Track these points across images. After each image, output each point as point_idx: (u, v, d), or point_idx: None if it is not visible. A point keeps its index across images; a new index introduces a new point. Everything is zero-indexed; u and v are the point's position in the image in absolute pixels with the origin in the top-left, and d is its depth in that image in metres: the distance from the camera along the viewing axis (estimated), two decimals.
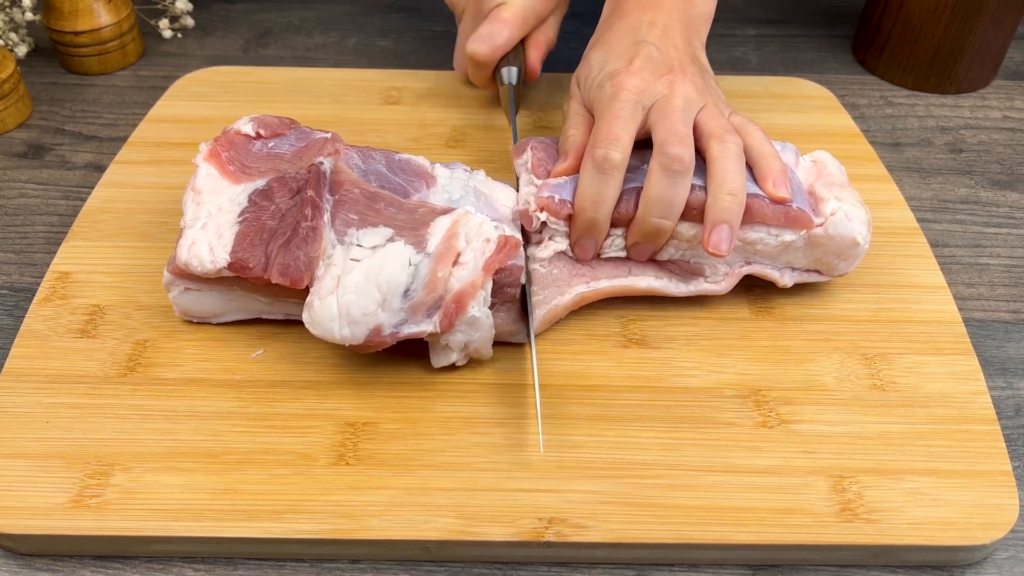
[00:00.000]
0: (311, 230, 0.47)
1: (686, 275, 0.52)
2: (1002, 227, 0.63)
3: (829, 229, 0.50)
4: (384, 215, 0.48)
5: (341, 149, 0.52)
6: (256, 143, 0.53)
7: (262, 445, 0.46)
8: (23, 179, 0.65)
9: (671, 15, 0.54)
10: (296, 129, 0.54)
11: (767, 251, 0.51)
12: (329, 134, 0.53)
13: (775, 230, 0.50)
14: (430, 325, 0.46)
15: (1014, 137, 0.71)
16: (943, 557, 0.44)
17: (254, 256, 0.47)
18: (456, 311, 0.46)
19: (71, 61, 0.75)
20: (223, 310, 0.51)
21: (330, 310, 0.44)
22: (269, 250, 0.47)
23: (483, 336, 0.48)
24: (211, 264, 0.47)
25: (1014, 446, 0.49)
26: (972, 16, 0.70)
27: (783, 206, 0.50)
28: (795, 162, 0.55)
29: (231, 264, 0.47)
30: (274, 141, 0.53)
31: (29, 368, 0.49)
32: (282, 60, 0.79)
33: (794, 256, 0.52)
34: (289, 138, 0.53)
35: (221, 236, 0.48)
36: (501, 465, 0.45)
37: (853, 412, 0.48)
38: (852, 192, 0.52)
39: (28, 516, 0.43)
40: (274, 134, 0.53)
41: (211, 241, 0.48)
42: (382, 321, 0.45)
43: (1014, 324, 0.56)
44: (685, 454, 0.46)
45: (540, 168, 0.52)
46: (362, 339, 0.45)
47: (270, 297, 0.50)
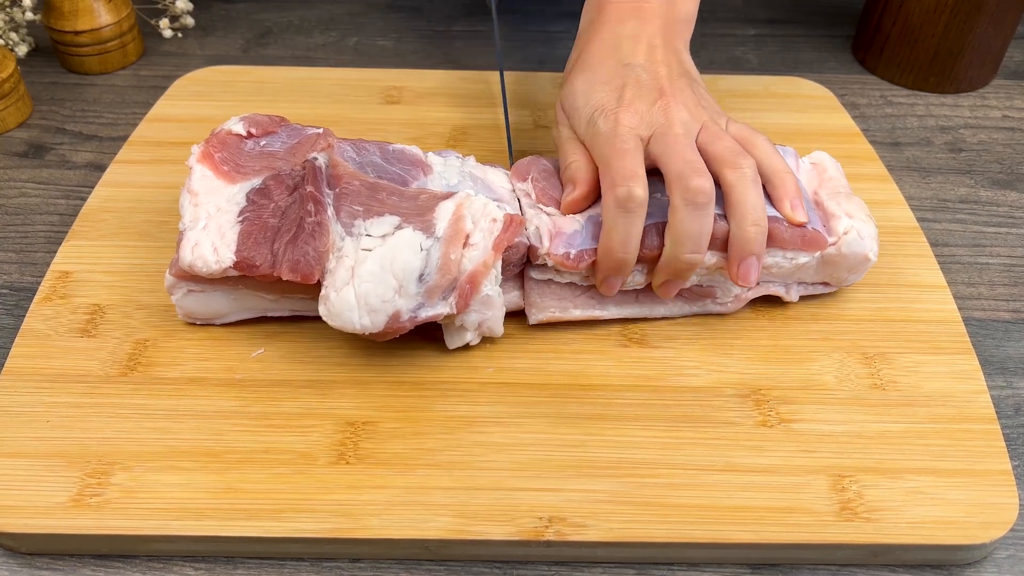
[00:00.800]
0: (317, 225, 0.47)
1: (695, 297, 0.52)
2: (1002, 227, 0.63)
3: (842, 248, 0.50)
4: (388, 204, 0.48)
5: (334, 143, 0.52)
6: (248, 142, 0.53)
7: (262, 444, 0.46)
8: (23, 178, 0.65)
9: (653, 24, 0.53)
10: (287, 126, 0.54)
11: (781, 273, 0.51)
12: (321, 129, 0.53)
13: (791, 253, 0.50)
14: (446, 307, 0.46)
15: (1014, 137, 0.71)
16: (943, 556, 0.44)
17: (260, 254, 0.47)
18: (470, 291, 0.46)
19: (71, 61, 0.75)
20: (228, 310, 0.51)
21: (348, 300, 0.45)
22: (275, 247, 0.47)
23: (495, 314, 0.49)
24: (216, 264, 0.47)
25: (1014, 445, 0.49)
26: (972, 16, 0.70)
27: (800, 229, 0.49)
28: (795, 166, 0.55)
29: (237, 263, 0.47)
30: (266, 139, 0.53)
31: (30, 367, 0.49)
32: (282, 60, 0.79)
33: (804, 273, 0.52)
34: (281, 135, 0.53)
35: (223, 236, 0.48)
36: (501, 465, 0.45)
37: (853, 411, 0.48)
38: (857, 202, 0.53)
39: (29, 515, 0.43)
40: (265, 132, 0.53)
41: (214, 241, 0.48)
42: (400, 307, 0.45)
43: (1014, 324, 0.56)
44: (685, 453, 0.46)
45: (545, 196, 0.51)
46: (382, 326, 0.45)
47: (276, 294, 0.50)
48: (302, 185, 0.49)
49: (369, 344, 0.51)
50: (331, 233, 0.47)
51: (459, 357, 0.51)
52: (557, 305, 0.51)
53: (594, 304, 0.51)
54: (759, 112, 0.69)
